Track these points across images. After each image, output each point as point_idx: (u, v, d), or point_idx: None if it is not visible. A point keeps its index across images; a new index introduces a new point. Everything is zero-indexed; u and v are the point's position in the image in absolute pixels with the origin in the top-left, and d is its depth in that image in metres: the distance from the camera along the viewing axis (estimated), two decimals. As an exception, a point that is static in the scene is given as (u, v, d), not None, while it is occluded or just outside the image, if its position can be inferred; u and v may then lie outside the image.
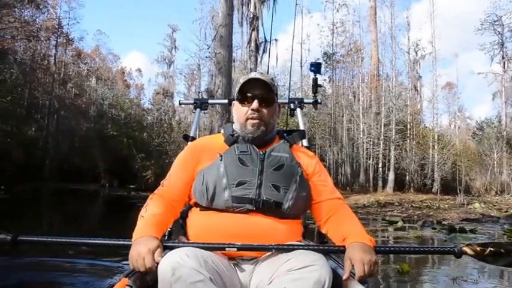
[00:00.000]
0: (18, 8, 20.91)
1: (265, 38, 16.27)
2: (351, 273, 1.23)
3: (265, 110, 1.48)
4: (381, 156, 23.01)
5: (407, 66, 26.60)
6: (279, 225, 1.37)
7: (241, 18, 16.93)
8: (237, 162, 1.42)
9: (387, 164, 23.17)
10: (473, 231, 7.08)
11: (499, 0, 26.32)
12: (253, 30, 16.84)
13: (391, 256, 4.55)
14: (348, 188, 22.59)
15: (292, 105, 2.39)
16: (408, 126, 24.28)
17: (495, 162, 24.15)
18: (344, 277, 1.24)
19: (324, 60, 27.12)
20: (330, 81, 28.20)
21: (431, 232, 7.29)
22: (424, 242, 6.33)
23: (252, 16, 16.65)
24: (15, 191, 14.50)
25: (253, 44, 16.81)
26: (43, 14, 25.10)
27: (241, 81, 1.51)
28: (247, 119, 1.47)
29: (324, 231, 1.51)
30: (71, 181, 21.54)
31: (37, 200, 13.88)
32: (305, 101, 2.42)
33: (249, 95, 1.48)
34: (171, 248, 1.21)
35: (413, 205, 13.50)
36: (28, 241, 1.36)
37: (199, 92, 27.62)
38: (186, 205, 1.51)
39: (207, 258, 1.18)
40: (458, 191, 17.10)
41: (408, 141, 23.77)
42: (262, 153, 1.44)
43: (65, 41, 28.28)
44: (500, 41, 25.45)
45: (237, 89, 1.51)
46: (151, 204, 1.40)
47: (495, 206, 13.41)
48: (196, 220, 1.43)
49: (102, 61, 36.47)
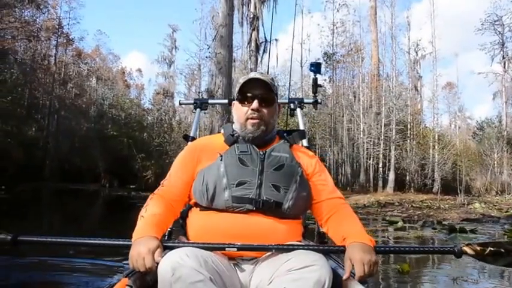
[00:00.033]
0: (19, 8, 20.91)
1: (265, 38, 16.26)
2: (351, 273, 1.23)
3: (265, 110, 1.48)
4: (381, 156, 22.99)
5: (407, 66, 26.59)
6: (279, 225, 1.36)
7: (242, 18, 16.93)
8: (237, 162, 1.42)
9: (387, 164, 23.16)
10: (473, 231, 7.08)
11: (500, 0, 26.30)
12: (254, 30, 16.84)
13: (392, 256, 4.55)
14: (348, 188, 22.58)
15: (292, 105, 2.39)
16: (408, 126, 24.26)
17: (495, 162, 24.12)
18: (344, 277, 1.24)
19: (324, 60, 27.13)
20: (330, 81, 28.19)
21: (431, 232, 7.29)
22: (424, 242, 6.33)
23: (252, 16, 16.65)
24: (16, 191, 14.51)
25: (253, 44, 16.80)
26: (43, 14, 25.15)
27: (241, 81, 1.51)
28: (247, 119, 1.47)
29: (325, 231, 1.51)
30: (71, 181, 21.55)
31: (37, 200, 13.88)
32: (305, 101, 2.42)
33: (249, 95, 1.48)
34: (171, 248, 1.21)
35: (414, 205, 13.49)
36: (28, 241, 1.36)
37: (199, 92, 27.62)
38: (186, 205, 1.51)
39: (207, 258, 1.18)
40: (459, 191, 17.06)
41: (408, 141, 23.75)
42: (262, 153, 1.44)
43: (65, 41, 28.29)
44: (500, 40, 25.41)
45: (237, 89, 1.51)
46: (151, 204, 1.40)
47: (495, 206, 13.40)
48: (196, 220, 1.43)
49: (103, 61, 36.50)
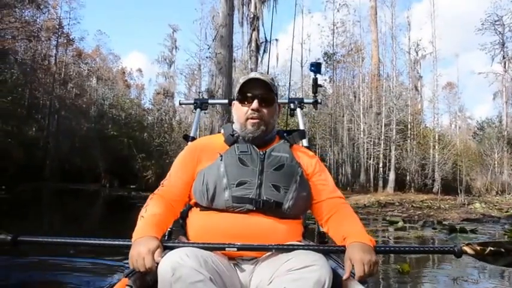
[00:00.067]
0: (19, 8, 20.91)
1: (265, 38, 16.26)
2: (351, 273, 1.23)
3: (265, 110, 1.48)
4: (381, 156, 22.99)
5: (407, 66, 26.59)
6: (279, 225, 1.36)
7: (242, 18, 16.93)
8: (237, 162, 1.42)
9: (388, 164, 23.16)
10: (473, 231, 7.08)
11: (500, 0, 26.27)
12: (254, 30, 16.84)
13: (392, 256, 4.55)
14: (349, 188, 22.58)
15: (292, 105, 2.38)
16: (409, 126, 24.25)
17: (496, 162, 24.10)
18: (344, 277, 1.24)
19: (325, 60, 27.12)
20: (330, 81, 28.19)
21: (431, 232, 7.29)
22: (424, 242, 6.33)
23: (252, 16, 16.65)
24: (16, 191, 14.52)
25: (253, 44, 16.81)
26: (44, 14, 25.15)
27: (241, 81, 1.51)
28: (247, 119, 1.47)
29: (325, 231, 1.51)
30: (72, 181, 21.56)
31: (38, 200, 13.89)
32: (305, 101, 2.42)
33: (249, 95, 1.48)
34: (171, 248, 1.21)
35: (414, 205, 13.50)
36: (28, 241, 1.36)
37: (199, 92, 27.63)
38: (186, 205, 1.51)
39: (207, 258, 1.18)
40: (459, 191, 17.06)
41: (409, 141, 23.74)
42: (262, 153, 1.44)
43: (65, 41, 28.30)
44: (501, 40, 25.38)
45: (237, 89, 1.51)
46: (151, 204, 1.40)
47: (496, 206, 13.40)
48: (196, 220, 1.43)
49: (103, 61, 36.51)
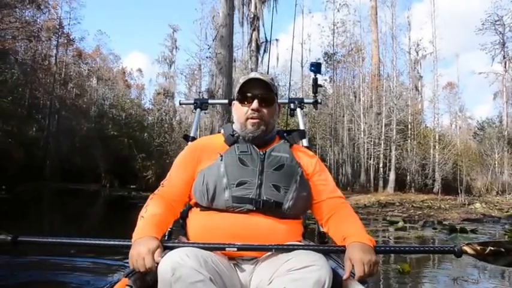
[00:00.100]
0: (19, 8, 20.92)
1: (265, 38, 16.28)
2: (351, 273, 1.23)
3: (265, 110, 1.48)
4: (381, 156, 22.98)
5: (408, 66, 26.60)
6: (279, 225, 1.36)
7: (242, 18, 16.94)
8: (237, 162, 1.41)
9: (388, 164, 23.15)
10: (474, 232, 7.08)
11: (500, 0, 26.26)
12: (254, 30, 16.86)
13: (392, 256, 4.55)
14: (349, 188, 22.57)
15: (292, 105, 2.38)
16: (409, 126, 24.24)
17: (496, 162, 24.10)
18: (344, 277, 1.24)
19: (325, 60, 27.11)
20: (330, 81, 28.18)
21: (432, 232, 7.29)
22: (425, 242, 6.33)
23: (252, 16, 16.67)
24: (16, 191, 14.53)
25: (253, 44, 16.82)
26: (44, 14, 25.13)
27: (241, 81, 1.51)
28: (247, 119, 1.47)
29: (325, 231, 1.51)
30: (72, 181, 21.55)
31: (38, 200, 13.90)
32: (305, 101, 2.42)
33: (249, 95, 1.48)
34: (171, 248, 1.21)
35: (414, 205, 13.49)
36: (28, 241, 1.36)
37: (200, 92, 27.65)
38: (186, 205, 1.51)
39: (207, 258, 1.18)
40: (459, 191, 17.06)
41: (409, 141, 23.73)
42: (262, 153, 1.44)
43: (65, 41, 28.30)
44: (501, 40, 25.39)
45: (237, 89, 1.51)
46: (151, 204, 1.39)
47: (496, 206, 13.39)
48: (196, 220, 1.43)
49: (103, 61, 36.50)
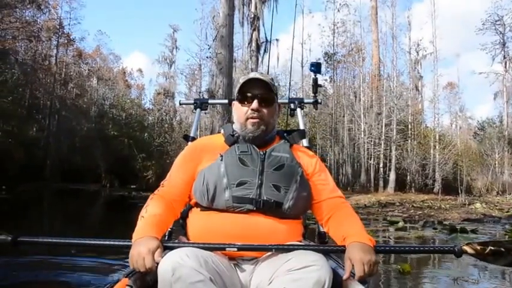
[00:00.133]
0: (20, 9, 20.91)
1: (266, 38, 16.30)
2: (351, 273, 1.23)
3: (265, 110, 1.48)
4: (382, 156, 22.97)
5: (408, 66, 26.59)
6: (279, 225, 1.36)
7: (242, 18, 16.96)
8: (237, 162, 1.41)
9: (388, 164, 23.14)
10: (474, 232, 7.08)
11: (501, 0, 26.22)
12: (254, 30, 16.87)
13: (392, 256, 4.55)
14: (349, 188, 22.55)
15: (292, 105, 2.38)
16: (409, 126, 24.23)
17: (496, 162, 24.10)
18: (344, 277, 1.24)
19: (325, 60, 27.10)
20: (331, 81, 28.19)
21: (432, 232, 7.29)
22: (425, 242, 6.33)
23: (253, 16, 16.68)
24: (17, 191, 14.53)
25: (254, 44, 16.84)
26: (44, 14, 25.10)
27: (241, 81, 1.51)
28: (247, 119, 1.47)
29: (326, 231, 1.52)
30: (72, 181, 21.55)
31: (38, 200, 13.91)
32: (305, 101, 2.42)
33: (248, 95, 1.48)
34: (171, 248, 1.21)
35: (415, 205, 13.49)
36: (28, 242, 1.36)
37: (200, 92, 27.67)
38: (187, 205, 1.51)
39: (207, 259, 1.18)
40: (460, 191, 17.05)
41: (409, 141, 23.72)
42: (262, 153, 1.44)
43: (66, 41, 28.28)
44: (501, 40, 25.37)
45: (237, 89, 1.51)
46: (151, 204, 1.39)
47: (496, 206, 13.38)
48: (196, 220, 1.43)
49: (103, 61, 36.47)
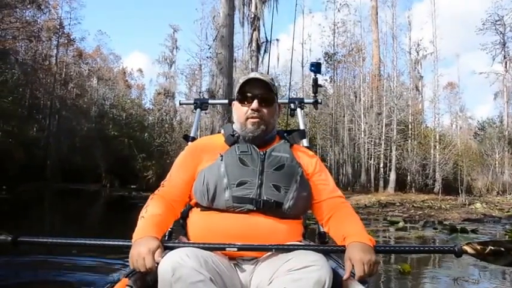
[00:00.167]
0: (20, 9, 20.90)
1: (266, 38, 16.30)
2: (351, 273, 1.23)
3: (265, 110, 1.48)
4: (382, 156, 22.97)
5: (408, 66, 26.55)
6: (279, 225, 1.36)
7: (243, 19, 16.97)
8: (237, 162, 1.41)
9: (388, 164, 23.13)
10: (474, 232, 7.08)
11: (501, 0, 26.19)
12: (255, 30, 16.88)
13: (392, 256, 4.55)
14: (349, 188, 22.54)
15: (292, 105, 2.38)
16: (409, 126, 24.22)
17: (497, 163, 24.07)
18: (344, 277, 1.24)
19: (325, 60, 27.09)
20: (331, 81, 28.17)
21: (432, 232, 7.29)
22: (425, 242, 6.33)
23: (253, 16, 16.68)
24: (17, 191, 14.54)
25: (254, 44, 16.84)
26: (44, 14, 25.08)
27: (241, 81, 1.51)
28: (247, 119, 1.47)
29: (326, 231, 1.52)
30: (72, 181, 21.56)
31: (39, 200, 13.91)
32: (305, 101, 2.42)
33: (248, 95, 1.48)
34: (172, 248, 1.21)
35: (415, 205, 13.48)
36: (29, 242, 1.36)
37: (200, 92, 27.67)
38: (187, 205, 1.51)
39: (208, 259, 1.18)
40: (460, 191, 17.04)
41: (409, 141, 23.71)
42: (262, 153, 1.44)
43: (66, 41, 28.27)
44: (502, 40, 25.34)
45: (237, 89, 1.52)
46: (151, 204, 1.39)
47: (497, 206, 13.38)
48: (196, 220, 1.43)
49: (104, 61, 36.47)
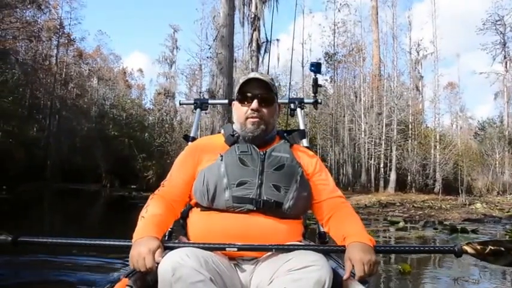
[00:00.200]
0: (20, 9, 20.89)
1: (266, 38, 16.29)
2: (352, 273, 1.23)
3: (265, 110, 1.48)
4: (382, 156, 22.97)
5: (408, 66, 26.56)
6: (279, 225, 1.36)
7: (243, 18, 16.96)
8: (237, 162, 1.41)
9: (389, 164, 23.13)
10: (475, 232, 7.07)
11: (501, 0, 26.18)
12: (255, 30, 16.87)
13: (393, 256, 4.54)
14: (350, 188, 22.54)
15: (292, 105, 2.38)
16: (410, 126, 24.23)
17: (497, 163, 24.08)
18: (344, 277, 1.24)
19: (326, 60, 27.09)
20: (331, 81, 28.17)
21: (433, 232, 7.28)
22: (425, 242, 6.32)
23: (253, 16, 16.68)
24: (17, 191, 14.55)
25: (254, 44, 16.84)
26: (44, 14, 25.06)
27: (241, 81, 1.51)
28: (246, 118, 1.47)
29: (326, 231, 1.52)
30: (73, 181, 21.56)
31: (39, 200, 13.91)
32: (305, 101, 2.42)
33: (248, 94, 1.48)
34: (172, 248, 1.21)
35: (415, 205, 13.48)
36: (29, 242, 1.36)
37: (200, 92, 27.66)
38: (187, 205, 1.51)
39: (208, 259, 1.18)
40: (460, 191, 17.04)
41: (410, 141, 23.71)
42: (262, 153, 1.44)
43: (66, 41, 28.27)
44: (502, 40, 25.33)
45: (237, 89, 1.52)
46: (151, 204, 1.39)
47: (497, 206, 13.37)
48: (196, 220, 1.43)
49: (104, 61, 36.46)
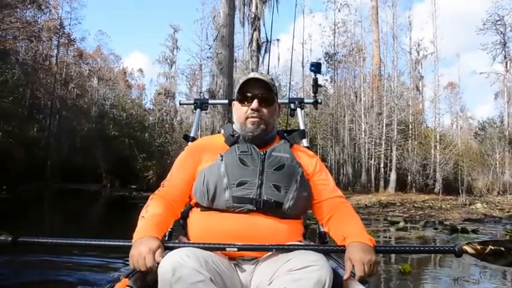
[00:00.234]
0: (20, 9, 20.90)
1: (266, 38, 16.28)
2: (352, 273, 1.23)
3: (265, 110, 1.48)
4: (382, 156, 22.97)
5: (409, 66, 26.55)
6: (279, 225, 1.37)
7: (243, 18, 16.95)
8: (237, 162, 1.42)
9: (389, 164, 23.12)
10: (475, 232, 7.06)
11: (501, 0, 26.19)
12: (255, 30, 16.87)
13: (393, 257, 4.54)
14: (350, 188, 22.54)
15: (292, 105, 2.38)
16: (410, 126, 24.22)
17: (497, 162, 24.07)
18: (344, 277, 1.25)
19: (326, 60, 27.09)
20: (331, 81, 28.17)
21: (433, 232, 7.28)
22: (426, 243, 6.31)
23: (253, 16, 16.67)
24: (17, 191, 14.55)
25: (254, 44, 16.84)
26: (45, 14, 25.07)
27: (241, 81, 1.51)
28: (246, 118, 1.47)
29: (326, 231, 1.52)
30: (73, 181, 21.56)
31: (39, 200, 13.91)
32: (305, 101, 2.42)
33: (248, 94, 1.48)
34: (172, 248, 1.21)
35: (415, 205, 13.47)
36: (29, 242, 1.36)
37: (200, 92, 27.68)
38: (187, 205, 1.51)
39: (208, 259, 1.18)
40: (460, 191, 17.04)
41: (410, 141, 23.71)
42: (262, 153, 1.44)
43: (66, 41, 28.27)
44: (502, 40, 25.33)
45: (237, 89, 1.52)
46: (151, 204, 1.40)
47: (497, 206, 13.36)
48: (197, 220, 1.43)
49: (104, 61, 36.47)
